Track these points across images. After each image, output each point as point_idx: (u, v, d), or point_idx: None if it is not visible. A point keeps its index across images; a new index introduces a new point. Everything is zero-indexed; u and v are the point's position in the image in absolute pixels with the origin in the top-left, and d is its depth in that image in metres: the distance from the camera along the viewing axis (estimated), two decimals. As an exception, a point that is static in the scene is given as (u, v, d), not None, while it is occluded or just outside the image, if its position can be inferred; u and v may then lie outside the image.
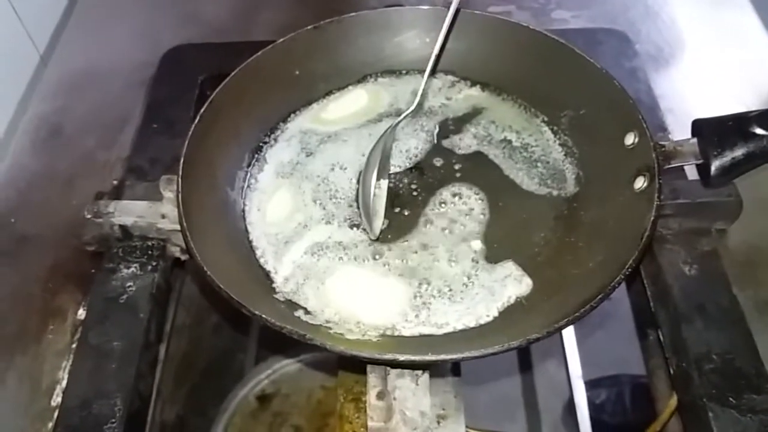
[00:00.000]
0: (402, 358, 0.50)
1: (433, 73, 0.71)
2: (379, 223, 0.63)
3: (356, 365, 0.66)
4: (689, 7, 0.93)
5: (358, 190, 0.66)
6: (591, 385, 1.03)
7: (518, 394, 1.14)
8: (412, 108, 0.69)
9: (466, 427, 0.65)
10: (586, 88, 0.66)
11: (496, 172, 0.68)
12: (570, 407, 0.99)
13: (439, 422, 0.67)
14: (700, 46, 0.88)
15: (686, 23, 0.91)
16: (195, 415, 0.89)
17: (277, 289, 0.60)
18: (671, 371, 0.61)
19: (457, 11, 0.68)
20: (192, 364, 0.92)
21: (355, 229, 0.64)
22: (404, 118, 0.70)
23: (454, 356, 0.49)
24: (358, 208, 0.65)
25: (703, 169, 0.59)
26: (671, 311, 0.62)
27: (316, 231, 0.64)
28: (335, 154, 0.70)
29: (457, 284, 0.60)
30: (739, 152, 0.57)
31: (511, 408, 1.13)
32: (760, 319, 0.62)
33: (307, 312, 0.58)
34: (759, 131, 0.56)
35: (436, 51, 0.68)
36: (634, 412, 1.06)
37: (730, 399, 0.56)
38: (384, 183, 0.65)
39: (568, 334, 1.10)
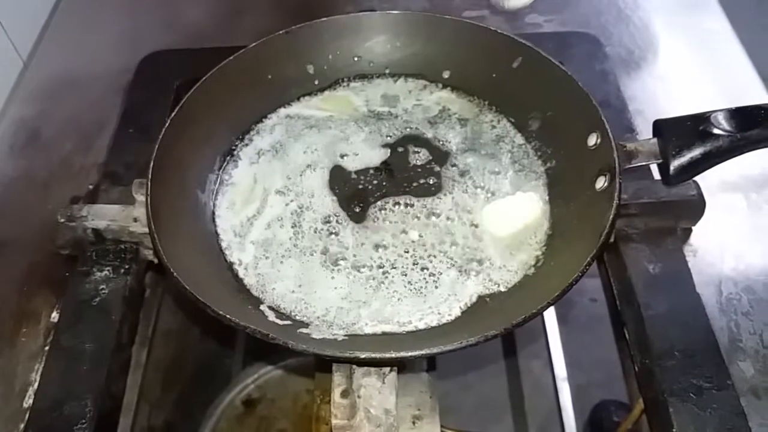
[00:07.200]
0: (363, 355, 0.50)
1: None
2: None
3: (328, 366, 0.66)
4: (661, 12, 0.94)
5: None
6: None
7: (505, 397, 1.14)
8: None
9: (442, 427, 0.66)
10: (552, 90, 0.67)
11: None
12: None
13: (414, 422, 0.67)
14: (670, 50, 0.89)
15: (657, 27, 0.92)
16: (182, 420, 0.90)
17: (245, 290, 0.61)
18: (635, 368, 0.62)
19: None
20: (179, 370, 0.93)
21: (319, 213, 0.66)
22: None
23: (414, 353, 0.50)
24: None
25: (663, 168, 0.60)
26: (635, 309, 0.63)
27: (275, 202, 0.67)
28: (312, 140, 0.72)
29: (422, 282, 0.61)
30: (696, 151, 0.58)
31: (498, 410, 1.14)
32: (722, 317, 0.63)
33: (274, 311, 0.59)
34: (716, 131, 0.57)
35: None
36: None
37: (691, 395, 0.57)
38: None
39: (554, 338, 1.10)
